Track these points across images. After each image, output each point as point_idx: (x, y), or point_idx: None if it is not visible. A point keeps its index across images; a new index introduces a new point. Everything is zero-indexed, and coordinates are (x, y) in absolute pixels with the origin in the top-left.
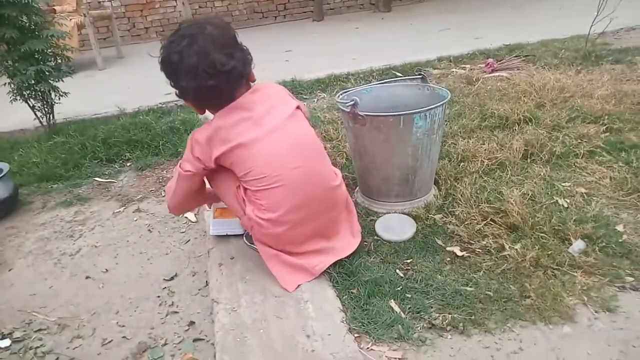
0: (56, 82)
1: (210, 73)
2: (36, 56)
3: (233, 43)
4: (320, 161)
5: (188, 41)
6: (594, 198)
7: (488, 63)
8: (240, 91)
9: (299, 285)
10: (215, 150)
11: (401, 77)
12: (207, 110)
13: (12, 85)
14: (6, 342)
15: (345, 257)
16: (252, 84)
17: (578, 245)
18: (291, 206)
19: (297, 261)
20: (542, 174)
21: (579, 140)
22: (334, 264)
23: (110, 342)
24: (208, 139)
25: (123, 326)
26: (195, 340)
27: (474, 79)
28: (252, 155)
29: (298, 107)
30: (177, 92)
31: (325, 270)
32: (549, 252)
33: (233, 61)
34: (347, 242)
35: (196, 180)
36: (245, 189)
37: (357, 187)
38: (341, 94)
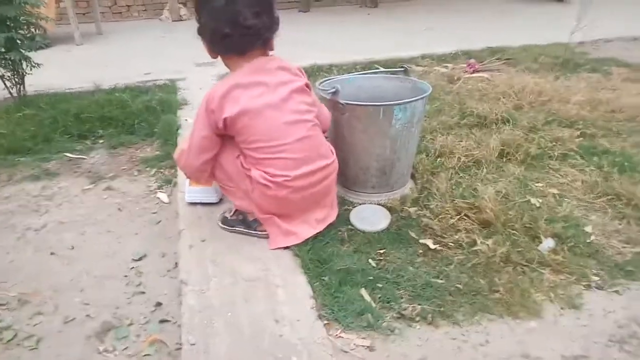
0: (29, 52)
1: (230, 21)
2: (8, 23)
3: (266, 6)
4: (320, 136)
5: None
6: (565, 199)
7: (470, 63)
8: (254, 52)
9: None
10: (227, 109)
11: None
12: (219, 57)
13: None
14: None
15: (320, 233)
16: (270, 52)
17: (548, 243)
18: (296, 174)
19: (287, 226)
20: (516, 173)
21: (554, 143)
22: (307, 250)
23: (72, 320)
24: (223, 95)
25: (87, 304)
26: (161, 321)
27: (456, 78)
28: (262, 122)
29: (307, 85)
30: (198, 27)
31: (297, 256)
32: (519, 249)
33: (256, 20)
34: (327, 214)
35: (212, 141)
36: (248, 157)
37: None
38: (322, 82)
